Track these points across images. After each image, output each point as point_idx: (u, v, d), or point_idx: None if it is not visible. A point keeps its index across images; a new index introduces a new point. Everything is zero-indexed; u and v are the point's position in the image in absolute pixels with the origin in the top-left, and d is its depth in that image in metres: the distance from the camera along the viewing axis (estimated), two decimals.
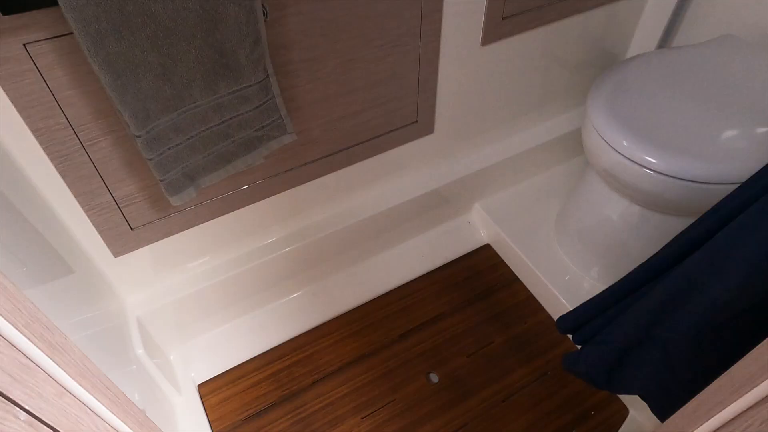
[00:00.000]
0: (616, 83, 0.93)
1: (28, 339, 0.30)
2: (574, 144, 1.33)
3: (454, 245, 1.27)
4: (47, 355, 0.32)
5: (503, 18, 0.99)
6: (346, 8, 0.79)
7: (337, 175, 1.04)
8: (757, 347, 0.36)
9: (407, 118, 1.02)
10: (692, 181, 0.80)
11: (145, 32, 0.58)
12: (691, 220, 0.79)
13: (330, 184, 1.05)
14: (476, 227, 1.30)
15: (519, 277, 1.21)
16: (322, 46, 0.81)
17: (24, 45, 0.59)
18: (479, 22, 0.97)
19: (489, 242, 1.28)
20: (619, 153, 0.84)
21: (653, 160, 0.81)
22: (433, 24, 0.90)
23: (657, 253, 0.71)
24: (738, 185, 0.60)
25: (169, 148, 0.68)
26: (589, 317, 0.78)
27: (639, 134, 0.84)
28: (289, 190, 0.99)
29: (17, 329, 0.29)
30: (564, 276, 1.14)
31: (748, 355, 0.36)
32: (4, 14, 0.51)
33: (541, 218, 1.25)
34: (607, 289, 0.75)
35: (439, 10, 0.89)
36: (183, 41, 0.61)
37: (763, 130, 0.85)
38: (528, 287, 1.19)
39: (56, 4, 0.53)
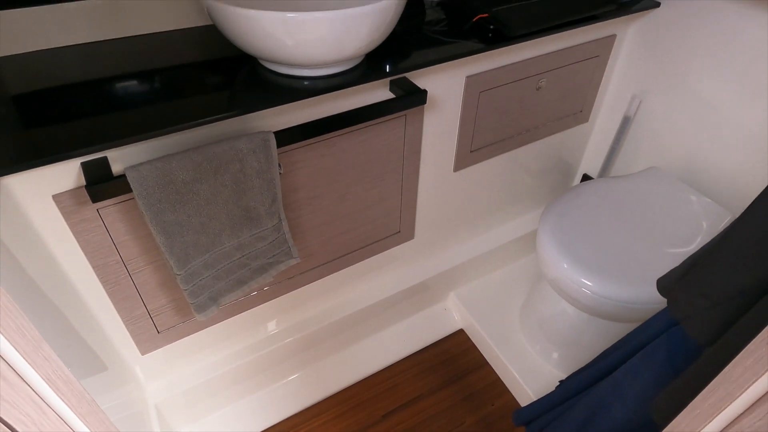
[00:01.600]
0: (560, 211, 1.14)
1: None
2: None
3: (432, 330, 1.44)
4: None
5: (471, 151, 1.20)
6: (342, 158, 0.99)
7: (331, 276, 1.21)
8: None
9: (391, 229, 1.22)
10: (623, 302, 0.99)
11: (192, 204, 0.76)
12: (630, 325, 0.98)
13: (325, 283, 1.22)
14: (452, 313, 1.48)
15: (488, 361, 1.38)
16: (322, 186, 1.00)
17: (97, 210, 0.77)
18: (451, 155, 1.18)
19: (463, 327, 1.46)
20: (561, 273, 1.04)
21: (589, 283, 1.00)
22: (412, 161, 1.11)
23: (588, 365, 0.89)
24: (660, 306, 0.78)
25: (200, 280, 0.85)
26: (538, 414, 0.95)
27: (577, 259, 1.03)
28: (290, 293, 1.16)
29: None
30: (526, 361, 1.31)
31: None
32: (93, 202, 0.69)
33: (508, 306, 1.44)
34: (551, 393, 0.92)
35: (418, 151, 1.10)
36: (219, 207, 0.79)
37: (681, 257, 1.05)
38: (495, 371, 1.36)
39: (131, 190, 0.71)
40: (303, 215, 1.02)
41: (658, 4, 1.17)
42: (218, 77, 0.83)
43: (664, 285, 0.62)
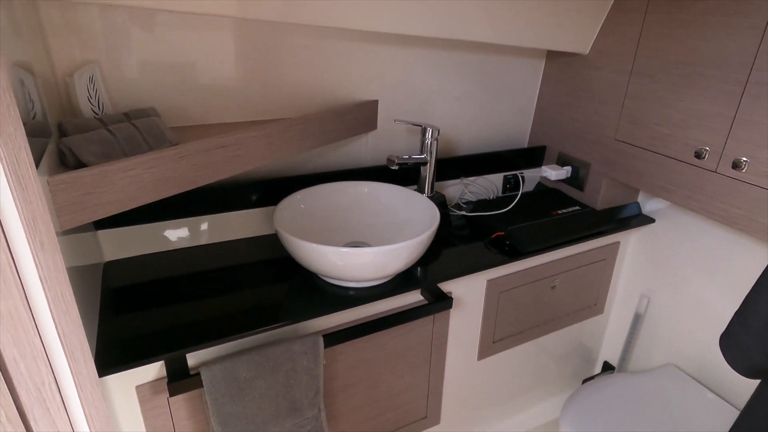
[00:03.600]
0: (580, 408, 1.20)
1: None
2: None
3: None
4: None
5: (494, 342, 1.31)
6: (377, 351, 1.11)
7: None
8: None
9: (418, 414, 1.28)
10: None
11: (249, 398, 0.89)
12: None
13: None
14: None
15: None
16: (358, 375, 1.12)
17: (167, 399, 0.90)
18: (475, 346, 1.29)
19: None
20: None
21: None
22: (439, 352, 1.22)
23: None
24: None
25: None
26: None
27: None
28: None
29: None
30: None
31: None
32: (171, 396, 0.82)
33: None
34: None
35: (444, 343, 1.22)
36: (270, 399, 0.91)
37: None
38: None
39: (203, 386, 0.85)
40: (337, 401, 1.12)
41: (653, 220, 1.36)
42: (280, 278, 1.02)
43: None
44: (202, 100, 1.04)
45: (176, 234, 1.10)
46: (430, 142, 1.17)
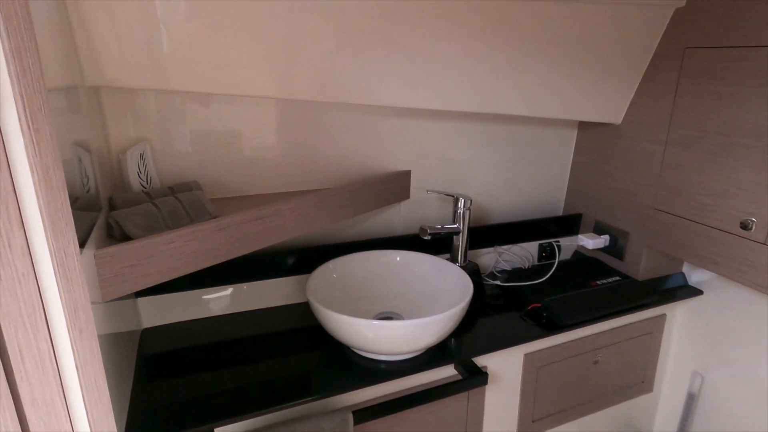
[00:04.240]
0: None
1: None
2: None
3: None
4: None
5: (533, 420, 1.24)
6: (408, 429, 1.06)
7: None
8: None
9: None
10: None
11: None
12: None
13: None
14: None
15: None
16: None
17: None
18: (513, 425, 1.22)
19: None
20: None
21: None
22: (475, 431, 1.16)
23: None
24: None
25: None
26: None
27: None
28: None
29: None
30: None
31: None
32: None
33: None
34: None
35: (480, 421, 1.15)
36: None
37: None
38: None
39: None
40: None
41: (701, 292, 1.29)
42: (310, 348, 1.01)
43: None
44: (242, 172, 1.09)
45: (212, 301, 1.12)
46: (463, 212, 1.18)
